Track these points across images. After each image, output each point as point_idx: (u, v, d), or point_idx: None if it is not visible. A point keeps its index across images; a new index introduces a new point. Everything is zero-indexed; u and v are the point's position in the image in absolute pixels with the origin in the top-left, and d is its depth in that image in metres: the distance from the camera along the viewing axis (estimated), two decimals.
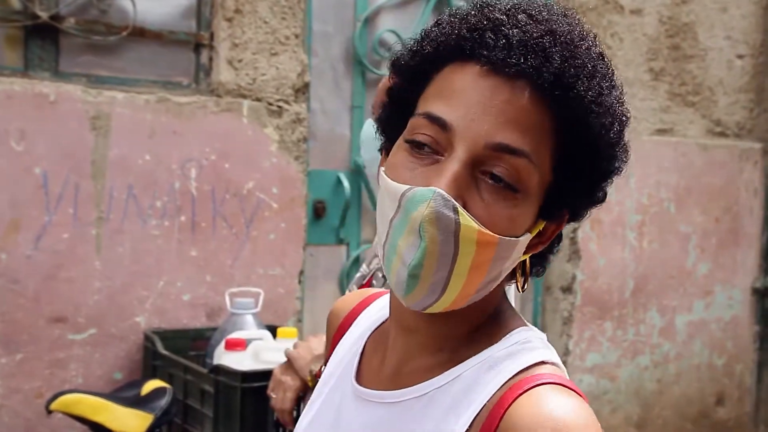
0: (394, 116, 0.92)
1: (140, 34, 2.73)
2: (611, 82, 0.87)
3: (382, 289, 1.11)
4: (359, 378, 0.98)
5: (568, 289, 3.69)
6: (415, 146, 0.85)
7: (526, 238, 0.86)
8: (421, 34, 0.91)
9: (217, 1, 2.80)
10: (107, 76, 2.70)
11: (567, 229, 3.71)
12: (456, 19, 0.88)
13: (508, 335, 0.90)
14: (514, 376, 0.85)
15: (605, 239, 3.74)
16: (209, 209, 2.76)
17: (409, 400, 0.90)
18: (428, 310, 0.86)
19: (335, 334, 1.07)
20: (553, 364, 0.88)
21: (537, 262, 0.95)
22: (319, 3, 3.13)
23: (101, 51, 2.70)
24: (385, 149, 0.96)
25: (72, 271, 2.57)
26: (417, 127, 0.85)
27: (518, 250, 0.86)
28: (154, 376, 2.50)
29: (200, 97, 2.76)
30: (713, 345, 4.14)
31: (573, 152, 0.86)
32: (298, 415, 1.07)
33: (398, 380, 0.93)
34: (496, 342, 0.90)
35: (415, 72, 0.90)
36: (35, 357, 2.54)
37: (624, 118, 0.89)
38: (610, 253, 3.76)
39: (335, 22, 3.21)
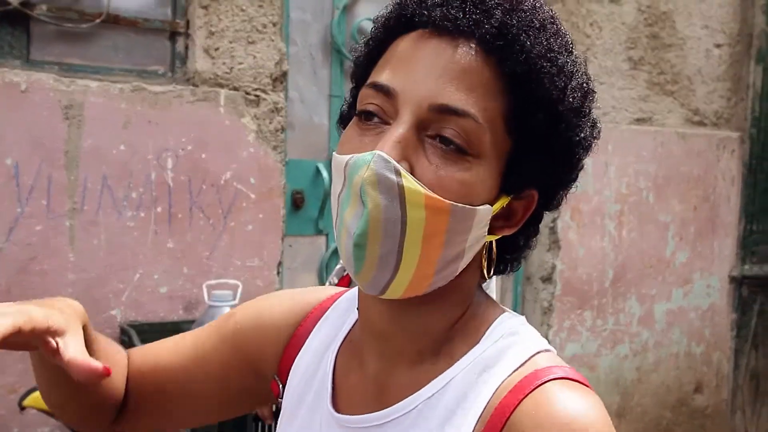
0: (353, 100, 0.89)
1: (114, 21, 2.67)
2: (565, 44, 0.83)
3: (340, 289, 1.04)
4: (337, 401, 0.91)
5: (547, 279, 3.68)
6: (363, 118, 0.82)
7: (485, 210, 0.81)
8: (372, 23, 0.90)
9: None
10: (80, 65, 2.64)
11: (546, 219, 3.71)
12: None
13: (490, 329, 0.85)
14: (510, 375, 0.80)
15: (584, 229, 3.74)
16: (186, 200, 2.72)
17: (397, 419, 0.84)
18: (388, 293, 0.80)
19: (294, 334, 1.00)
20: (546, 351, 0.84)
21: (511, 255, 0.90)
22: None
23: (74, 39, 2.64)
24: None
25: (45, 263, 2.52)
26: (363, 98, 0.82)
27: (478, 223, 0.80)
28: None
29: (176, 86, 2.71)
30: (691, 333, 4.16)
31: (527, 114, 0.80)
32: (278, 409, 1.00)
33: (383, 397, 0.87)
34: (480, 338, 0.84)
35: (368, 58, 0.87)
36: (7, 352, 2.47)
37: (587, 87, 0.84)
38: (589, 243, 3.77)
39: (313, 10, 3.17)
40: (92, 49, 2.67)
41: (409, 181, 0.76)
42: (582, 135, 0.84)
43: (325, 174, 3.16)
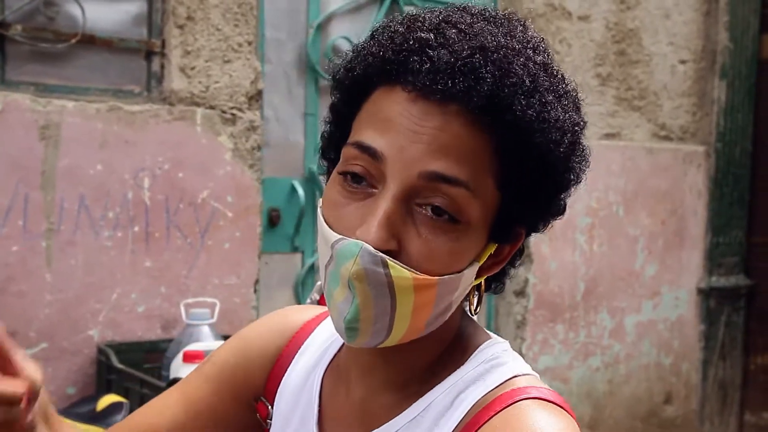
0: (336, 134, 0.87)
1: (90, 41, 2.67)
2: (557, 93, 0.81)
3: (321, 309, 1.05)
4: (323, 424, 0.93)
5: (520, 293, 3.73)
6: (349, 179, 0.80)
7: (472, 269, 0.81)
8: (354, 50, 0.85)
9: (168, 8, 2.76)
10: (56, 85, 2.64)
11: None
12: (384, 38, 0.81)
13: (474, 355, 0.86)
14: (485, 395, 0.82)
15: (556, 243, 3.79)
16: (163, 219, 2.72)
17: None
18: (380, 346, 0.82)
19: (279, 356, 1.00)
20: (526, 375, 0.85)
21: (496, 279, 0.90)
22: (271, 10, 3.11)
23: (50, 59, 2.64)
24: (327, 170, 0.90)
25: (22, 284, 2.50)
26: (349, 158, 0.80)
27: (465, 281, 0.81)
28: (109, 390, 2.45)
29: (152, 106, 2.72)
30: (661, 345, 4.23)
31: (520, 173, 0.79)
32: None
33: (367, 420, 0.88)
34: (462, 364, 0.86)
35: (349, 91, 0.84)
36: None
37: (576, 127, 0.83)
38: (561, 257, 3.82)
39: (288, 28, 3.19)
40: (68, 69, 2.67)
41: (396, 270, 0.76)
42: (572, 175, 0.85)
43: (300, 191, 3.17)
